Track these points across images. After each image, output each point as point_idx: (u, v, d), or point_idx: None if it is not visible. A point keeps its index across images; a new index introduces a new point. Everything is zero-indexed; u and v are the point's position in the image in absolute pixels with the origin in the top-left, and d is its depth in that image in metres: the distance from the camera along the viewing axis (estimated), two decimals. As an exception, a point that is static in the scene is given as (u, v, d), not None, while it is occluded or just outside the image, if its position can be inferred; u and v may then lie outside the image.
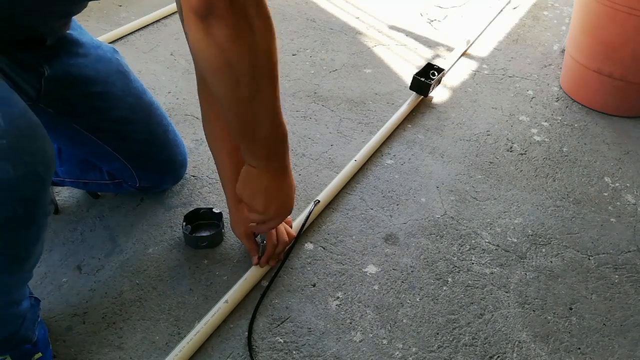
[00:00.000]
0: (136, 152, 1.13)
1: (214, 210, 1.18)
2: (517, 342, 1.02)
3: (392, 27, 2.07)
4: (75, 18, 1.03)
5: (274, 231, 1.07)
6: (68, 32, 1.01)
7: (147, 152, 1.14)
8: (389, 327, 1.03)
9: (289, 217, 1.16)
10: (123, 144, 1.11)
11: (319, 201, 1.23)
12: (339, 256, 1.16)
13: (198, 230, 1.18)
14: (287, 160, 0.90)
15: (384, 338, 1.01)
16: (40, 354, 0.89)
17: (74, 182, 1.20)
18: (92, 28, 1.88)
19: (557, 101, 1.71)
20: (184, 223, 1.16)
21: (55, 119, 1.01)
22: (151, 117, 1.13)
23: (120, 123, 1.09)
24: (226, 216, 1.20)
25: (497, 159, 1.46)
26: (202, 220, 1.19)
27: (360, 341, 1.00)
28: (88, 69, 1.02)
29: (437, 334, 1.03)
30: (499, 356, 1.00)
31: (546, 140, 1.54)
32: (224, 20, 0.67)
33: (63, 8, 0.91)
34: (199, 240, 1.14)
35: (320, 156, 1.43)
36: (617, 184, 1.40)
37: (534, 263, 1.18)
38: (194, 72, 1.63)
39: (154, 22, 1.97)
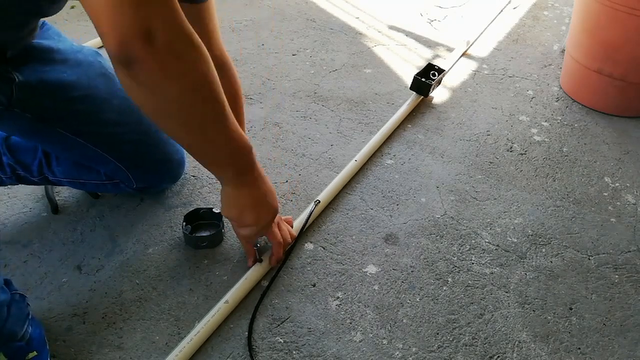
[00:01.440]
0: (129, 153, 1.12)
1: (214, 210, 1.18)
2: (517, 342, 1.02)
3: (392, 27, 2.07)
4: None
5: (278, 232, 1.07)
6: (41, 41, 0.99)
7: (140, 153, 1.13)
8: (389, 327, 1.03)
9: (289, 216, 1.16)
10: (114, 146, 1.10)
11: (319, 201, 1.23)
12: (339, 256, 1.16)
13: (198, 230, 1.18)
14: (257, 169, 0.92)
15: (384, 338, 1.01)
16: (35, 353, 0.88)
17: (72, 182, 1.20)
18: (92, 28, 1.88)
19: (557, 101, 1.71)
20: (184, 223, 1.16)
21: (35, 124, 1.00)
22: (142, 117, 1.11)
23: (109, 126, 1.08)
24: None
25: (497, 159, 1.46)
26: (202, 220, 1.19)
27: (360, 341, 1.00)
28: (67, 74, 1.01)
29: (437, 334, 1.03)
30: (499, 356, 1.00)
31: (546, 140, 1.54)
32: (147, 64, 0.64)
33: (23, 19, 0.89)
34: (199, 240, 1.14)
35: (320, 156, 1.43)
36: (617, 184, 1.40)
37: (534, 263, 1.18)
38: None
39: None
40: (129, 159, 1.13)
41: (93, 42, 1.78)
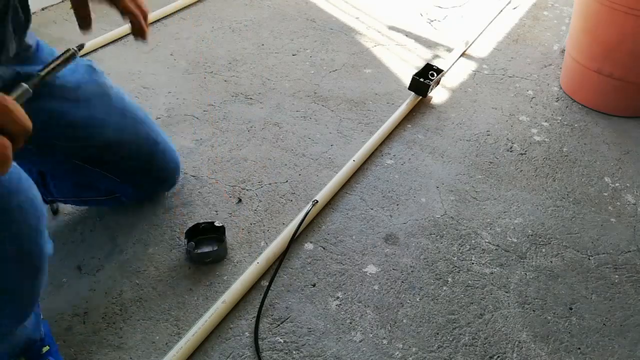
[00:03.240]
0: (129, 169, 1.11)
1: (215, 224, 1.15)
2: (517, 342, 1.02)
3: (391, 28, 2.07)
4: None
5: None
6: (35, 66, 0.92)
7: (138, 167, 1.12)
8: (389, 327, 1.03)
9: None
10: (113, 164, 1.09)
11: (317, 201, 1.23)
12: (339, 256, 1.16)
13: (200, 245, 1.14)
14: None
15: (384, 338, 1.01)
16: (47, 347, 0.90)
17: (71, 200, 1.20)
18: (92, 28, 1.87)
19: (557, 101, 1.71)
20: (186, 240, 1.13)
21: (38, 154, 0.99)
22: (139, 131, 1.10)
23: (108, 146, 1.06)
24: (229, 222, 1.20)
25: (497, 159, 1.46)
26: (203, 235, 1.15)
27: (360, 341, 1.00)
28: (66, 102, 0.98)
29: (437, 334, 1.03)
30: (499, 356, 1.00)
31: (546, 140, 1.54)
32: None
33: None
34: (203, 256, 1.11)
35: (320, 156, 1.43)
36: (617, 184, 1.40)
37: (534, 263, 1.18)
38: (194, 72, 1.63)
39: (154, 22, 1.97)
40: (130, 174, 1.12)
41: (94, 41, 1.79)
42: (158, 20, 1.97)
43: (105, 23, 1.93)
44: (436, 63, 1.72)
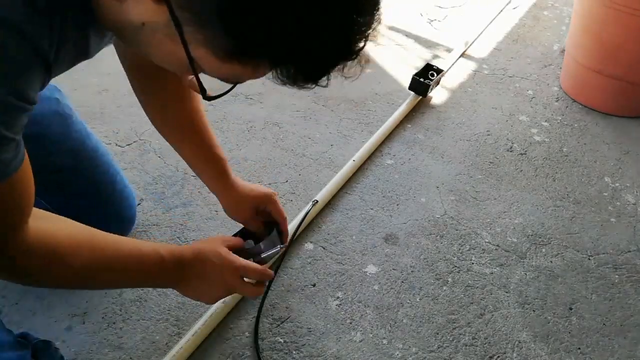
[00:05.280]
0: (78, 208, 0.90)
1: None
2: (517, 342, 1.02)
3: (391, 28, 2.07)
4: None
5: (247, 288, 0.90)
6: None
7: (90, 208, 0.98)
8: (389, 327, 1.03)
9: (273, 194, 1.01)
10: (63, 198, 0.94)
11: (317, 201, 1.23)
12: (339, 256, 1.16)
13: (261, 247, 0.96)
14: (184, 271, 0.80)
15: (384, 338, 1.01)
16: None
17: None
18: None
19: (557, 101, 1.71)
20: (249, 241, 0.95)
21: None
22: (97, 165, 0.97)
23: (60, 173, 0.93)
24: (228, 221, 1.20)
25: (497, 159, 1.46)
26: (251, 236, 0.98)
27: (360, 341, 1.00)
28: None
29: (437, 334, 1.03)
30: (499, 356, 1.00)
31: (546, 140, 1.54)
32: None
33: None
34: (268, 259, 0.97)
35: (320, 156, 1.43)
36: (617, 184, 1.40)
37: (534, 263, 1.18)
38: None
39: (154, 22, 1.96)
40: (78, 215, 0.86)
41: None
42: (158, 20, 1.97)
43: (105, 23, 1.93)
44: (436, 63, 1.72)
